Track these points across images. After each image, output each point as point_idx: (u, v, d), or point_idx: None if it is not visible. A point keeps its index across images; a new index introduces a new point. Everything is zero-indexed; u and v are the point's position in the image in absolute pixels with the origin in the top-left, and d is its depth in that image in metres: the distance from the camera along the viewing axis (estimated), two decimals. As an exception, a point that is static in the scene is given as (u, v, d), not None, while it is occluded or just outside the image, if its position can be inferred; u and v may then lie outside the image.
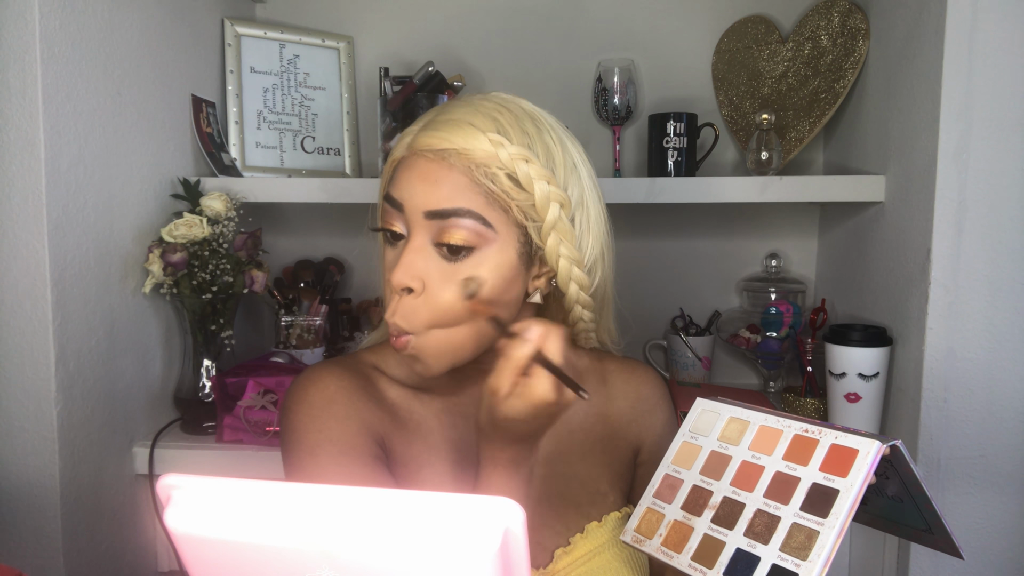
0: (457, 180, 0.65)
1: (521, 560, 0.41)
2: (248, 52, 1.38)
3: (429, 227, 0.66)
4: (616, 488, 0.79)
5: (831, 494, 0.59)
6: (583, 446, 0.79)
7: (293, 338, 1.34)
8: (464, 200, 0.65)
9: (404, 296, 0.66)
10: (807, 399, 1.24)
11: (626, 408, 0.82)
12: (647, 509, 0.68)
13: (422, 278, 0.66)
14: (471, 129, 0.66)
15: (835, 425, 0.63)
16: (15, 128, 0.91)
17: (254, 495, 0.43)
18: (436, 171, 0.65)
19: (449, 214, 0.65)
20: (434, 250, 0.66)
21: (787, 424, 0.65)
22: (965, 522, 1.03)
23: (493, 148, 0.65)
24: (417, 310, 0.66)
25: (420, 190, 0.65)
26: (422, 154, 0.66)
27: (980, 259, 0.99)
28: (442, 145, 0.65)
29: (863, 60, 1.25)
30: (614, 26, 1.46)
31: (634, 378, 0.83)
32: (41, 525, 0.97)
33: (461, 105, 0.69)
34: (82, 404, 1.00)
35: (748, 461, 0.65)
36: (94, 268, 1.02)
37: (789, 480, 0.62)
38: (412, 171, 0.67)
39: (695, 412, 0.72)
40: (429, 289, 0.66)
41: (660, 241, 1.49)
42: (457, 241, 0.65)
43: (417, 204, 0.65)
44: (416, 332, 0.66)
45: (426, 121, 0.69)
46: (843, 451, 0.60)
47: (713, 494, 0.65)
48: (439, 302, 0.66)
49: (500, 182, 0.65)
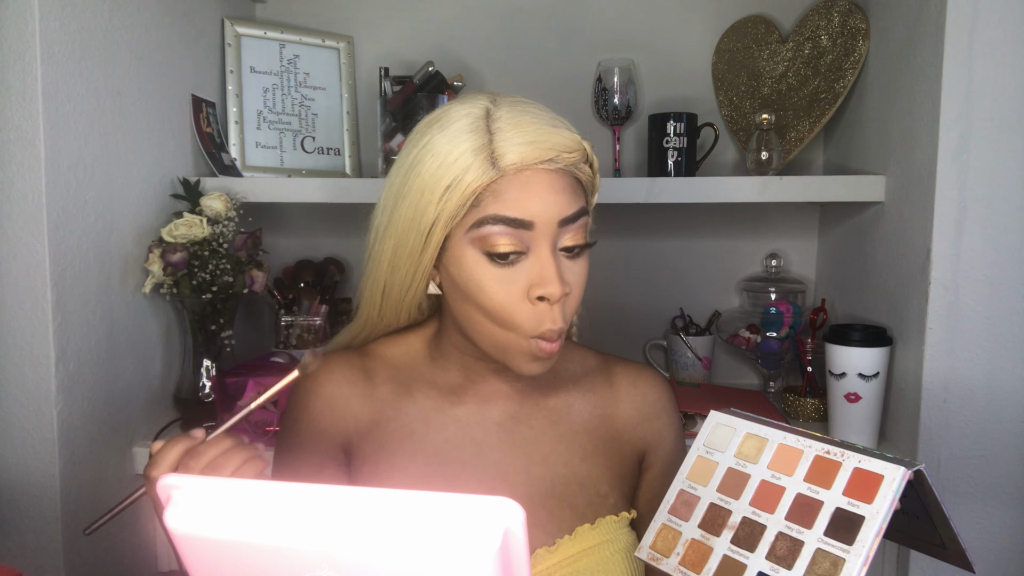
0: (570, 183, 0.68)
1: (521, 560, 0.41)
2: (248, 52, 1.38)
3: (556, 233, 0.68)
4: (617, 491, 0.79)
5: (856, 520, 0.57)
6: (585, 447, 0.79)
7: (293, 338, 1.34)
8: (580, 199, 0.69)
9: (557, 304, 0.68)
10: (807, 399, 1.24)
11: (631, 411, 0.82)
12: (662, 525, 0.67)
13: (566, 280, 0.68)
14: (561, 131, 0.68)
15: (854, 446, 0.62)
16: (15, 128, 0.91)
17: (254, 495, 0.43)
18: (556, 180, 0.67)
19: (578, 216, 0.68)
20: (560, 254, 0.69)
21: (807, 444, 0.64)
22: (965, 522, 1.03)
23: (581, 143, 0.69)
24: (569, 308, 0.70)
25: (552, 202, 0.66)
26: (535, 168, 0.66)
27: (980, 259, 0.99)
28: (549, 155, 0.66)
29: (863, 60, 1.25)
30: (614, 26, 1.46)
31: (640, 381, 0.83)
32: (41, 525, 0.97)
33: (521, 112, 0.67)
34: (82, 404, 1.00)
35: (768, 481, 0.64)
36: (94, 268, 1.02)
37: (812, 503, 0.61)
38: (533, 186, 0.66)
39: (709, 426, 0.71)
40: (574, 289, 0.69)
41: (660, 241, 1.49)
42: (584, 240, 0.70)
43: (551, 217, 0.67)
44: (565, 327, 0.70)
45: (490, 138, 0.66)
46: (867, 476, 0.59)
47: (732, 514, 0.64)
48: (577, 297, 0.70)
49: (585, 171, 0.70)
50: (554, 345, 0.69)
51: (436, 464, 0.75)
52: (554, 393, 0.80)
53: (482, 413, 0.77)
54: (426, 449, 0.75)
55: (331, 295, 1.44)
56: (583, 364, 0.83)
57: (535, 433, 0.78)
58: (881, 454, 0.61)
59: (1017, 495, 1.02)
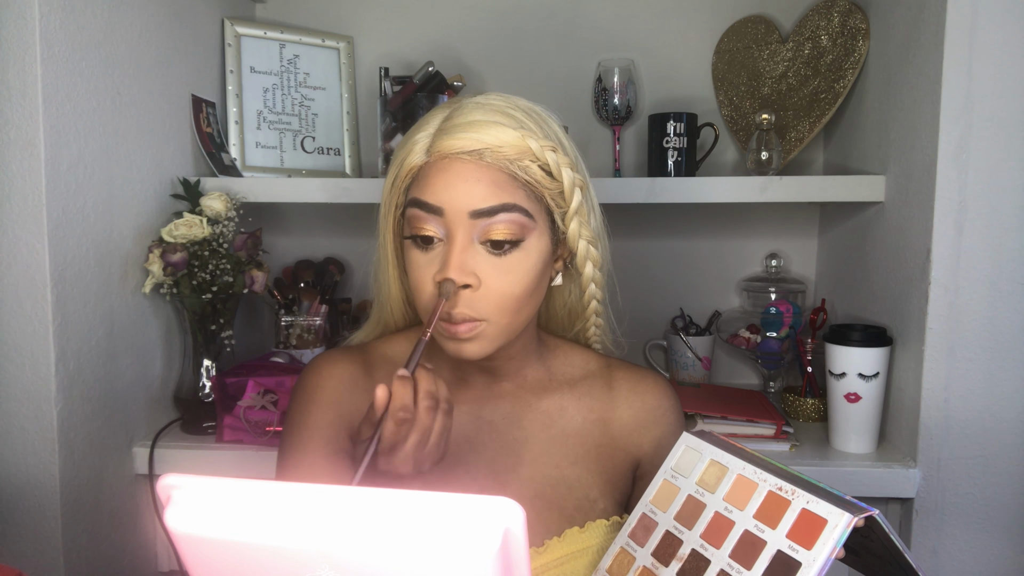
0: (496, 177, 0.68)
1: (521, 560, 0.41)
2: (248, 52, 1.38)
3: (473, 226, 0.68)
4: (608, 496, 0.79)
5: (793, 566, 0.56)
6: (576, 451, 0.79)
7: (293, 338, 1.34)
8: (507, 195, 0.68)
9: (462, 292, 0.68)
10: (807, 399, 1.24)
11: (628, 417, 0.81)
12: (620, 549, 0.68)
13: (476, 274, 0.68)
14: (499, 127, 0.68)
15: (814, 486, 0.60)
16: (15, 128, 0.91)
17: (254, 495, 0.43)
18: (474, 171, 0.67)
19: (496, 210, 0.67)
20: (480, 247, 0.68)
21: (763, 478, 0.63)
22: (965, 522, 1.03)
23: (524, 141, 0.68)
24: (479, 301, 0.69)
25: (462, 191, 0.67)
26: (455, 157, 0.68)
27: (980, 259, 0.99)
28: (474, 146, 0.67)
29: (863, 60, 1.25)
30: (614, 26, 1.46)
31: (641, 387, 0.83)
32: (41, 525, 0.97)
33: (475, 107, 0.70)
34: (82, 404, 1.00)
35: (720, 513, 0.63)
36: (94, 268, 1.02)
37: (756, 542, 0.60)
38: (447, 174, 0.68)
39: (679, 448, 0.71)
40: (486, 283, 0.68)
41: (660, 241, 1.49)
42: (505, 236, 0.68)
43: (460, 205, 0.67)
44: (485, 319, 0.69)
45: (439, 126, 0.70)
46: (812, 519, 0.57)
47: (683, 544, 0.64)
48: (499, 293, 0.69)
49: (533, 173, 0.69)
50: (456, 327, 0.69)
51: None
52: (548, 395, 0.80)
53: (475, 412, 0.78)
54: None
55: (331, 295, 1.44)
56: (584, 367, 0.83)
57: (526, 434, 0.78)
58: (838, 496, 0.59)
59: (1017, 495, 1.02)
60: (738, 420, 1.14)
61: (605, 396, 0.81)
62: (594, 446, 0.79)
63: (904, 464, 1.04)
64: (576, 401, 0.80)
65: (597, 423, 0.80)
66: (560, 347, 0.84)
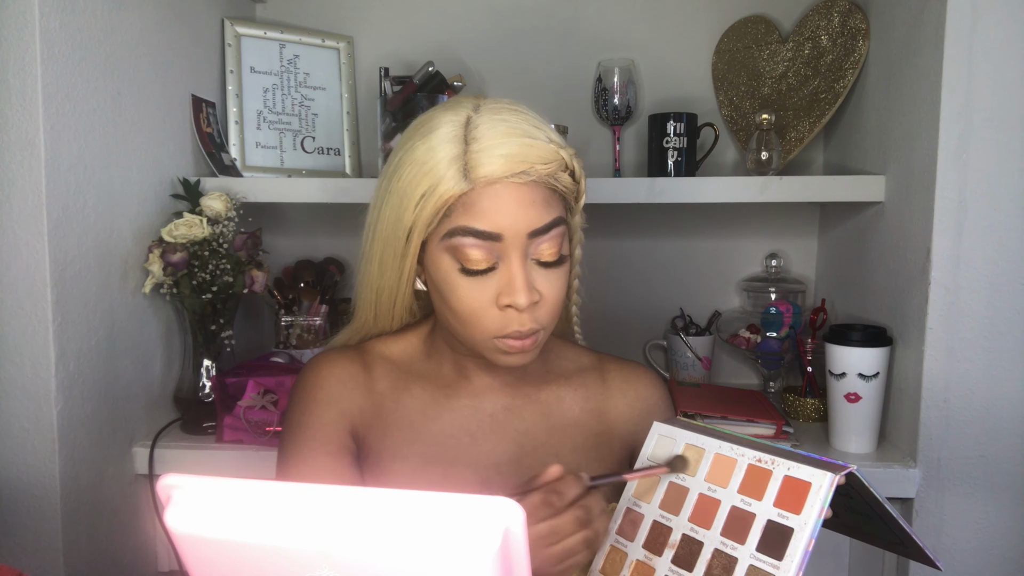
0: (543, 194, 0.69)
1: (521, 560, 0.41)
2: (248, 52, 1.37)
3: (528, 244, 0.69)
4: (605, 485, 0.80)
5: (786, 533, 0.57)
6: (575, 440, 0.81)
7: (293, 338, 1.34)
8: (554, 210, 0.70)
9: (527, 309, 0.69)
10: (807, 399, 1.24)
11: (623, 407, 0.84)
12: (611, 547, 0.67)
13: (537, 289, 0.70)
14: (536, 142, 0.68)
15: (790, 452, 0.61)
16: (15, 128, 0.91)
17: (254, 495, 0.43)
18: (528, 193, 0.68)
19: (549, 227, 0.69)
20: (531, 261, 0.70)
21: (741, 452, 0.63)
22: (965, 522, 1.03)
23: (558, 153, 0.69)
24: (538, 312, 0.71)
25: (520, 216, 0.67)
26: (505, 182, 0.67)
27: (980, 259, 0.99)
28: (520, 168, 0.67)
29: (863, 60, 1.25)
30: (614, 26, 1.46)
31: (633, 378, 0.86)
32: (41, 525, 0.97)
33: (499, 123, 0.68)
34: (82, 404, 1.00)
35: (704, 494, 0.63)
36: (94, 268, 1.02)
37: (745, 516, 0.60)
38: (500, 200, 0.67)
39: (652, 439, 0.71)
40: (545, 297, 0.70)
41: (660, 241, 1.49)
42: (558, 252, 0.70)
43: (520, 230, 0.68)
44: (543, 328, 0.72)
45: (465, 148, 0.67)
46: (796, 484, 0.58)
47: (672, 531, 0.64)
48: (553, 302, 0.71)
49: (563, 180, 0.71)
50: (524, 342, 0.71)
51: (433, 452, 0.77)
52: (545, 387, 0.82)
53: (475, 405, 0.80)
54: (424, 438, 0.78)
55: (331, 295, 1.44)
56: (577, 362, 0.86)
57: (527, 425, 0.80)
58: (814, 459, 0.59)
59: (1017, 495, 1.02)
60: (738, 420, 1.14)
61: (599, 388, 0.84)
62: (592, 435, 0.82)
63: (904, 464, 1.04)
64: (572, 392, 0.83)
65: (594, 413, 0.82)
66: (552, 342, 0.86)
